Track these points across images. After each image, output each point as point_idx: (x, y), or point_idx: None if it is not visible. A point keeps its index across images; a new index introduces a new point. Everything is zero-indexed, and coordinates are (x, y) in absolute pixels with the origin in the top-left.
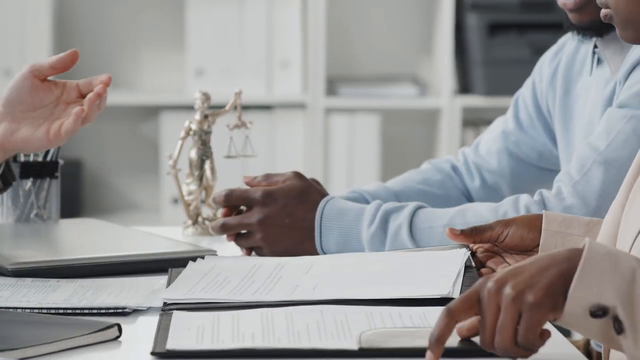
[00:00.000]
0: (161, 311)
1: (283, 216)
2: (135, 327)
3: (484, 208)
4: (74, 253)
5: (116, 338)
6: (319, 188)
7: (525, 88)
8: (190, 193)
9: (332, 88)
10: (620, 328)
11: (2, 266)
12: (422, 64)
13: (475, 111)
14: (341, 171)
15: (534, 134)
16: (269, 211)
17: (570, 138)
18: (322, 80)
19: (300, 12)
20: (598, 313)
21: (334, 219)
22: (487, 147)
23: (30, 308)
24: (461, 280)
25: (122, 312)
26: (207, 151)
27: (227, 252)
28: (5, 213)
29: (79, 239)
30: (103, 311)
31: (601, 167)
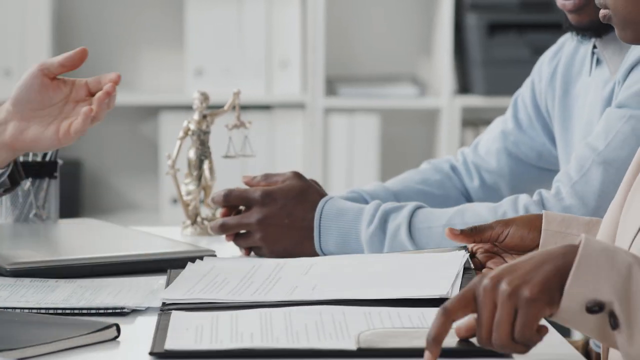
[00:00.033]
0: (160, 311)
1: (282, 216)
2: (133, 327)
3: (483, 208)
4: (73, 253)
5: (115, 338)
6: (318, 188)
7: (524, 88)
8: (189, 193)
9: (332, 88)
10: (615, 323)
11: (1, 266)
12: (422, 64)
13: (474, 111)
14: (340, 171)
15: (533, 134)
16: (268, 211)
17: (569, 138)
18: (322, 80)
19: (299, 12)
20: (594, 309)
21: (333, 219)
22: (486, 147)
23: (29, 308)
24: (460, 281)
25: (121, 312)
26: (206, 151)
27: (226, 252)
28: (4, 213)
29: (78, 239)
30: (102, 311)
31: (600, 167)
